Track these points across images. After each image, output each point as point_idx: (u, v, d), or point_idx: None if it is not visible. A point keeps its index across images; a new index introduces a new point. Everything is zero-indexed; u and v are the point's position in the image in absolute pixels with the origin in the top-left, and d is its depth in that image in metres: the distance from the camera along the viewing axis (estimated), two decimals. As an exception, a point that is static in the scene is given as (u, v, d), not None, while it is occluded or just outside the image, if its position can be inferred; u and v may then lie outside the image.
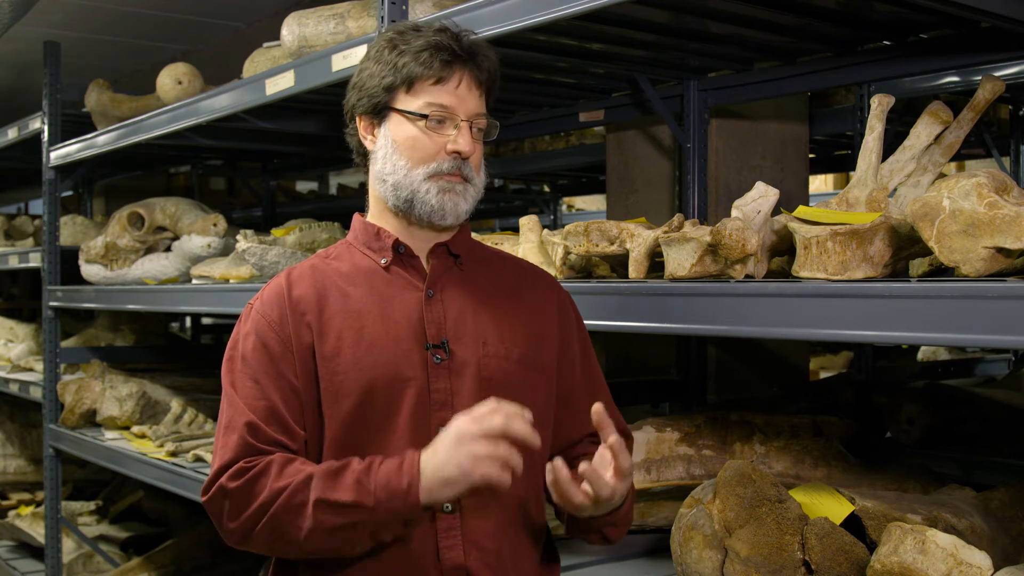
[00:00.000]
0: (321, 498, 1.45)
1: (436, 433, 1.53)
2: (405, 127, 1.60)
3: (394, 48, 1.60)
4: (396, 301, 1.61)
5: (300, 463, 1.51)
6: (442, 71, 1.57)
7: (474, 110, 1.60)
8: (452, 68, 1.58)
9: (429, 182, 1.58)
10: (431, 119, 1.58)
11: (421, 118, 1.58)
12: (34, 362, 4.84)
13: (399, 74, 1.58)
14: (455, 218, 1.61)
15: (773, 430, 2.27)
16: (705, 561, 1.69)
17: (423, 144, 1.58)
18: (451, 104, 1.58)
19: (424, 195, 1.58)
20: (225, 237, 3.56)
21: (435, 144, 1.58)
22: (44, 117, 4.24)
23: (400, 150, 1.60)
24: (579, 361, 1.73)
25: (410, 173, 1.59)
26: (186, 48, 4.49)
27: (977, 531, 1.74)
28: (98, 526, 4.73)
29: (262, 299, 1.64)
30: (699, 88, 2.69)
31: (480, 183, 1.64)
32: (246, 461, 1.52)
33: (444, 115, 1.58)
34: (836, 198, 1.88)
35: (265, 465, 1.50)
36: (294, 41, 2.90)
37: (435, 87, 1.58)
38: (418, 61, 1.57)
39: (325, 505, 1.45)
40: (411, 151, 1.59)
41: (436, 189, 1.58)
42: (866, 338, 1.46)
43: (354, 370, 1.56)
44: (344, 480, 1.46)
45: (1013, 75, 2.86)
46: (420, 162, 1.58)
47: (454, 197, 1.59)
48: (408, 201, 1.60)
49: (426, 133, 1.58)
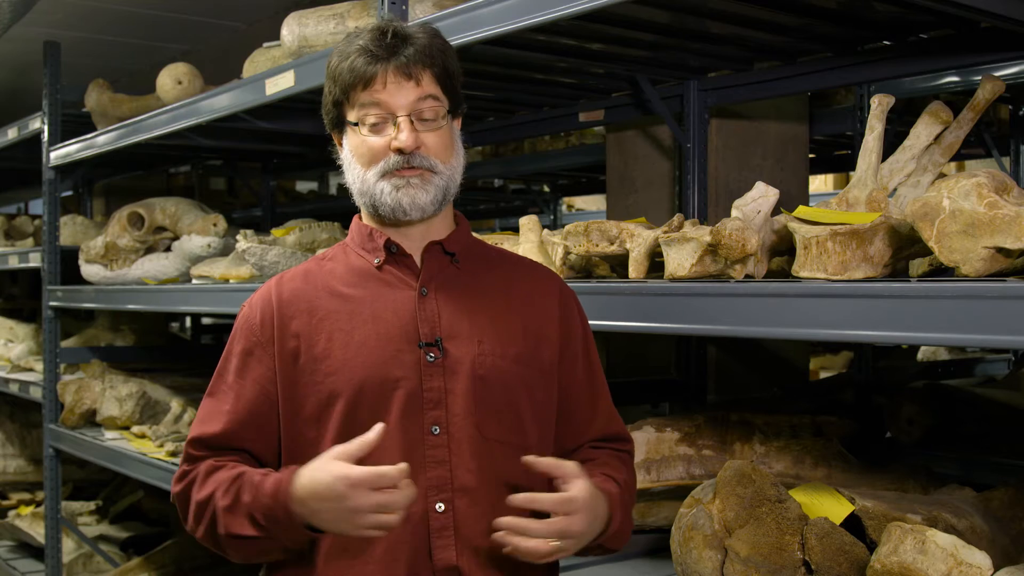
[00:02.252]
0: (227, 533, 1.54)
1: (428, 432, 1.55)
2: (353, 136, 1.62)
3: (336, 59, 1.63)
4: (389, 301, 1.61)
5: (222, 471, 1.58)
6: (367, 73, 1.57)
7: (411, 101, 1.58)
8: (375, 68, 1.57)
9: (382, 182, 1.59)
10: (365, 124, 1.59)
11: (358, 125, 1.60)
12: (34, 362, 4.84)
13: (338, 87, 1.61)
14: (419, 211, 1.60)
15: (773, 430, 2.27)
16: (705, 561, 1.69)
17: (368, 148, 1.59)
18: (382, 102, 1.58)
19: (380, 196, 1.59)
20: (225, 237, 3.57)
21: (378, 147, 1.59)
22: (44, 117, 4.24)
23: (355, 158, 1.62)
24: (581, 359, 1.72)
25: (365, 177, 1.60)
26: (186, 48, 4.49)
27: (977, 531, 1.74)
28: (98, 526, 4.74)
29: (250, 303, 1.68)
30: (699, 88, 2.69)
31: (451, 169, 1.62)
32: (187, 465, 1.63)
33: (377, 117, 1.58)
34: (836, 198, 1.87)
35: (194, 475, 1.61)
36: (294, 41, 2.90)
37: (365, 92, 1.58)
38: (348, 69, 1.59)
39: (233, 538, 1.54)
40: (360, 157, 1.61)
41: (390, 187, 1.58)
42: (866, 338, 1.46)
43: (344, 371, 1.57)
44: (240, 512, 1.52)
45: (1013, 75, 2.85)
46: (369, 164, 1.60)
47: (410, 191, 1.58)
48: (373, 205, 1.61)
49: (368, 139, 1.59)
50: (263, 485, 1.51)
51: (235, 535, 1.53)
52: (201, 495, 1.57)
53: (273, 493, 1.49)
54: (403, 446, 1.54)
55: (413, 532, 1.54)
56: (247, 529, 1.51)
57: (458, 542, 1.55)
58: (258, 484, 1.51)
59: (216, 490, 1.55)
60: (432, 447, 1.56)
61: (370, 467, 1.43)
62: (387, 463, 1.54)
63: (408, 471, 1.44)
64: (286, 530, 1.50)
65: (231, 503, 1.53)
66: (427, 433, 1.55)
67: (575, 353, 1.71)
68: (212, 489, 1.56)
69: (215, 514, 1.55)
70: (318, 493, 1.45)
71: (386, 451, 1.54)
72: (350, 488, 1.42)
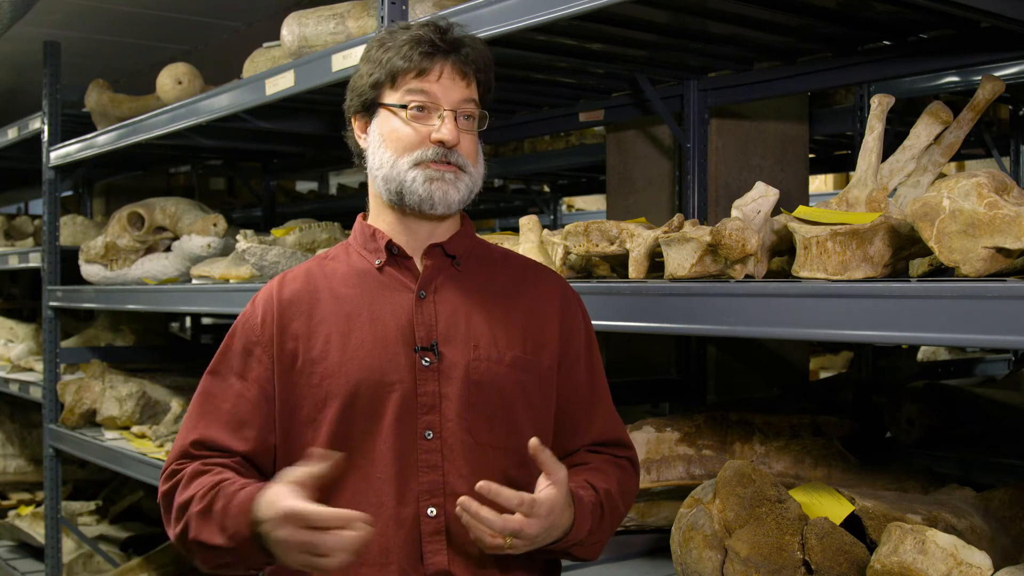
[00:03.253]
0: (195, 538, 1.52)
1: (422, 437, 1.54)
2: (390, 120, 1.60)
3: (381, 46, 1.61)
4: (387, 303, 1.60)
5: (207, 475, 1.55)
6: (423, 63, 1.57)
7: (459, 99, 1.59)
8: (433, 59, 1.58)
9: (415, 170, 1.57)
10: (412, 108, 1.58)
11: (403, 109, 1.58)
12: (34, 362, 4.84)
13: (383, 69, 1.59)
14: (445, 207, 1.59)
15: (773, 430, 2.27)
16: (705, 561, 1.69)
17: (406, 134, 1.58)
18: (433, 93, 1.58)
19: (411, 184, 1.57)
20: (225, 237, 3.56)
21: (418, 134, 1.58)
22: (44, 117, 4.24)
23: (386, 143, 1.60)
24: (583, 362, 1.70)
25: (396, 163, 1.58)
26: (186, 48, 4.49)
27: (977, 531, 1.74)
28: (98, 526, 4.74)
29: (253, 302, 1.67)
30: (699, 88, 2.69)
31: (476, 174, 1.63)
32: (176, 464, 1.61)
33: (425, 104, 1.58)
34: (836, 198, 1.87)
35: (180, 476, 1.58)
36: (294, 41, 2.90)
37: (417, 79, 1.58)
38: (400, 55, 1.58)
39: (198, 545, 1.52)
40: (396, 142, 1.59)
41: (423, 177, 1.57)
42: (866, 338, 1.46)
43: (340, 373, 1.56)
44: (211, 520, 1.50)
45: (1013, 75, 2.85)
46: (404, 151, 1.58)
47: (443, 186, 1.58)
48: (399, 193, 1.59)
49: (409, 123, 1.58)
50: (235, 497, 1.48)
51: (202, 543, 1.51)
52: (182, 497, 1.55)
53: (240, 509, 1.46)
54: (396, 450, 1.54)
55: (405, 536, 1.54)
56: (215, 538, 1.49)
57: (450, 547, 1.55)
58: (231, 495, 1.49)
59: (196, 494, 1.53)
60: (425, 451, 1.55)
61: (304, 504, 1.39)
62: (380, 467, 1.54)
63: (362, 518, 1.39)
64: (248, 548, 1.47)
65: (204, 509, 1.50)
66: (420, 437, 1.55)
67: (576, 356, 1.69)
68: (193, 492, 1.53)
69: (189, 518, 1.53)
70: (261, 517, 1.44)
71: (379, 455, 1.54)
72: (283, 520, 1.40)
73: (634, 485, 1.72)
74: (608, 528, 1.62)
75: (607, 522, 1.60)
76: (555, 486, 1.47)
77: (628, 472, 1.71)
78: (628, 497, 1.68)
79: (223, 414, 1.61)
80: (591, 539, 1.57)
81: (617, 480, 1.65)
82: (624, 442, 1.74)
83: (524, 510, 1.44)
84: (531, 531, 1.45)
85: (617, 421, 1.74)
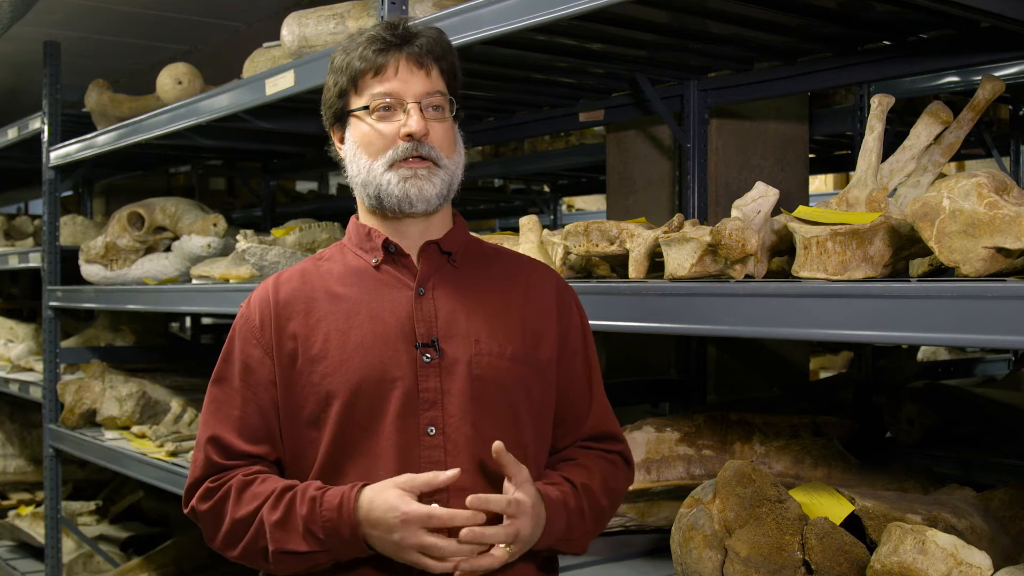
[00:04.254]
0: (278, 549, 1.51)
1: (424, 432, 1.54)
2: (360, 126, 1.61)
3: (343, 52, 1.63)
4: (386, 300, 1.61)
5: (258, 484, 1.55)
6: (378, 59, 1.58)
7: (422, 90, 1.59)
8: (387, 55, 1.58)
9: (390, 172, 1.58)
10: (378, 109, 1.59)
11: (368, 112, 1.60)
12: (34, 362, 4.84)
13: (345, 75, 1.61)
14: (424, 204, 1.60)
15: (773, 430, 2.27)
16: (705, 561, 1.69)
17: (376, 136, 1.59)
18: (393, 90, 1.58)
19: (387, 187, 1.58)
20: (225, 237, 3.57)
21: (388, 134, 1.58)
22: (44, 117, 4.24)
23: (360, 149, 1.61)
24: (580, 355, 1.71)
25: (372, 168, 1.59)
26: (186, 48, 4.49)
27: (977, 531, 1.74)
28: (98, 526, 4.74)
29: (248, 304, 1.67)
30: (699, 88, 2.69)
31: (454, 165, 1.63)
32: (211, 481, 1.59)
33: (389, 103, 1.58)
34: (836, 198, 1.88)
35: (226, 490, 1.57)
36: (294, 41, 2.90)
37: (376, 79, 1.59)
38: (357, 57, 1.59)
39: (284, 554, 1.52)
40: (368, 146, 1.60)
41: (397, 178, 1.58)
42: (866, 338, 1.46)
43: (341, 372, 1.56)
44: (294, 527, 1.50)
45: (1013, 75, 2.85)
46: (377, 154, 1.59)
47: (417, 182, 1.58)
48: (377, 197, 1.60)
49: (376, 126, 1.59)
50: (323, 499, 1.49)
51: (287, 551, 1.51)
52: (241, 512, 1.54)
53: (338, 508, 1.48)
54: (399, 447, 1.54)
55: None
56: (301, 544, 1.50)
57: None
58: (316, 498, 1.50)
59: (262, 505, 1.53)
60: (428, 448, 1.55)
61: (423, 506, 1.45)
62: (383, 464, 1.54)
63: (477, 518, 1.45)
64: (347, 546, 1.49)
65: (282, 517, 1.51)
66: (423, 434, 1.55)
67: (574, 350, 1.70)
68: (255, 505, 1.53)
69: (262, 530, 1.52)
70: (371, 518, 1.46)
71: (382, 452, 1.54)
72: (400, 522, 1.44)
73: (623, 479, 1.74)
74: (592, 522, 1.63)
75: (589, 515, 1.62)
76: (519, 488, 1.50)
77: (617, 466, 1.72)
78: (615, 491, 1.70)
79: (235, 421, 1.61)
80: (572, 533, 1.60)
81: (601, 475, 1.67)
82: (616, 435, 1.75)
83: (512, 511, 1.48)
84: (525, 531, 1.49)
85: (610, 414, 1.75)
